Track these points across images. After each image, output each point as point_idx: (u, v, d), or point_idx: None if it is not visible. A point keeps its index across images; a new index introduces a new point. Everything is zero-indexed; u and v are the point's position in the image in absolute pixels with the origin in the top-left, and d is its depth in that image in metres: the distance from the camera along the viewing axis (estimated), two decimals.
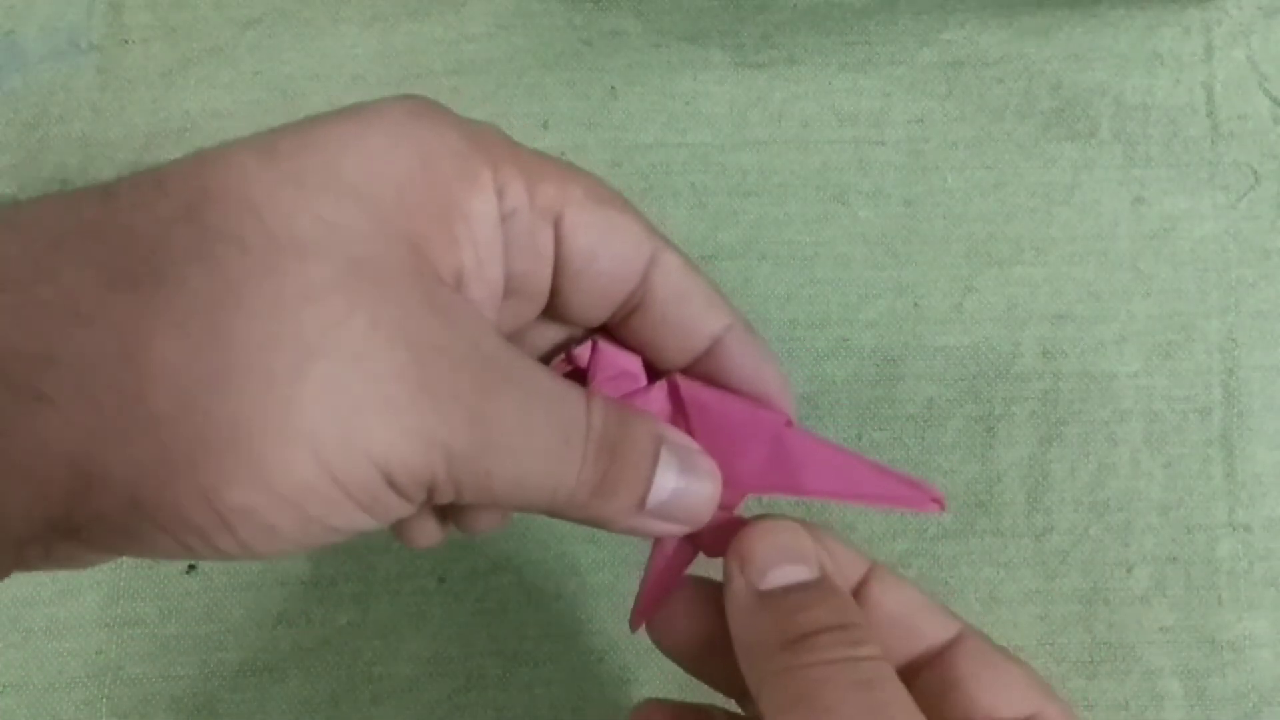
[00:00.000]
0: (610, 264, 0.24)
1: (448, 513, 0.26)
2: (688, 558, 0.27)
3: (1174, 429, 0.38)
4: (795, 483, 0.26)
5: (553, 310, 0.25)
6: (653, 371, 0.26)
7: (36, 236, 0.19)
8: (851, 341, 0.39)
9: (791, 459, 0.26)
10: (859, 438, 0.38)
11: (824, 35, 0.41)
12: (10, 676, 0.37)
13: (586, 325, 0.26)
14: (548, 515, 0.23)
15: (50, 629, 0.38)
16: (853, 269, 0.39)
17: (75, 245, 0.19)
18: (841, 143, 0.40)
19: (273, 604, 0.38)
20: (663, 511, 0.24)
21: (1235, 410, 0.38)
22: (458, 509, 0.25)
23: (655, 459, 0.24)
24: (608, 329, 0.26)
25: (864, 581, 0.26)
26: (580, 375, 0.26)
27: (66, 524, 0.19)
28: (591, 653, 0.37)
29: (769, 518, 0.25)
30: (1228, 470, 0.38)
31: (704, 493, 0.25)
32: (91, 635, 0.38)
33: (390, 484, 0.20)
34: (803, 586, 0.24)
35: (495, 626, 0.37)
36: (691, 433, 0.25)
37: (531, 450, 0.21)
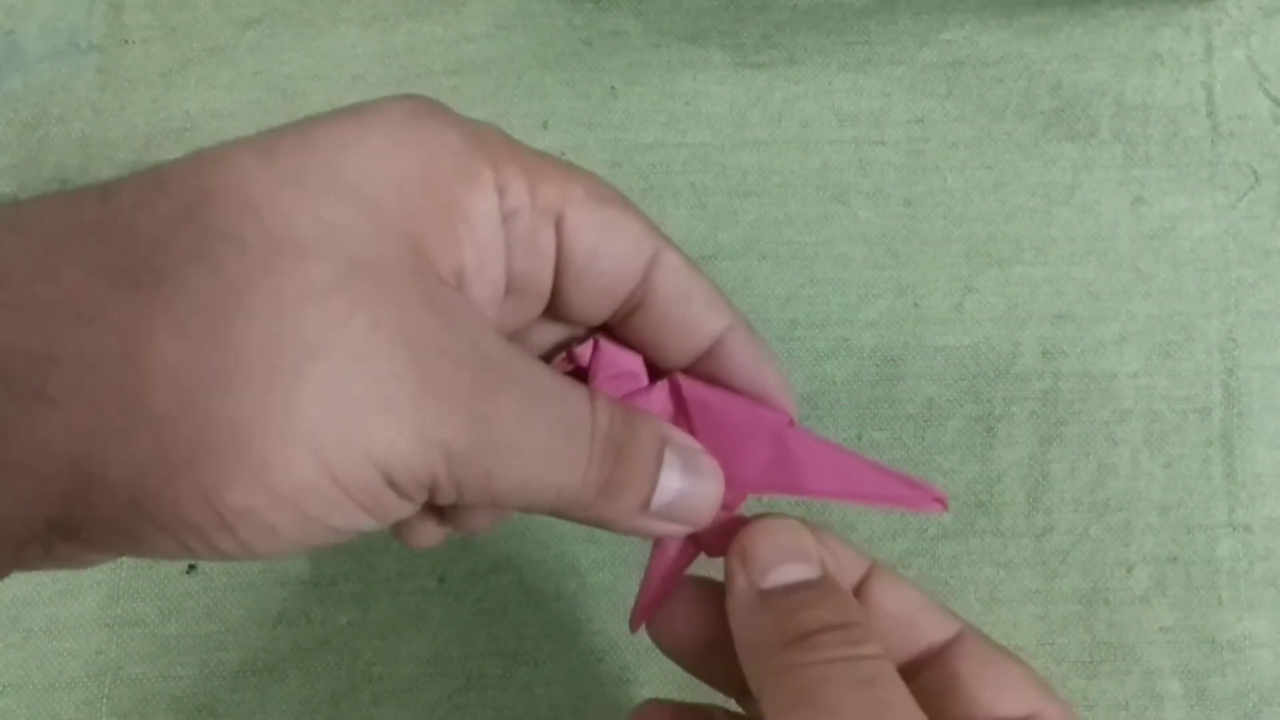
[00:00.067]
0: (612, 263, 0.24)
1: (446, 513, 0.26)
2: (689, 558, 0.27)
3: (1174, 429, 0.38)
4: (797, 482, 0.26)
5: (554, 310, 0.25)
6: (654, 371, 0.26)
7: (36, 236, 0.19)
8: (851, 341, 0.39)
9: (793, 459, 0.26)
10: (859, 438, 0.38)
11: (824, 35, 0.41)
12: (10, 676, 0.37)
13: (588, 325, 0.26)
14: (551, 515, 0.23)
15: (50, 629, 0.38)
16: (853, 269, 0.39)
17: (75, 245, 0.19)
18: (841, 143, 0.40)
19: (273, 604, 0.38)
20: (667, 512, 0.24)
21: (1235, 410, 0.38)
22: (455, 508, 0.25)
23: (660, 460, 0.24)
24: (609, 328, 0.26)
25: (864, 580, 0.26)
26: (581, 374, 0.26)
27: (66, 524, 0.19)
28: (591, 653, 0.37)
29: (770, 516, 0.25)
30: (1228, 470, 0.38)
31: (708, 493, 0.25)
32: (91, 635, 0.38)
33: (391, 484, 0.20)
34: (805, 585, 0.24)
35: (495, 626, 0.37)
36: (693, 432, 0.25)
37: (533, 450, 0.21)
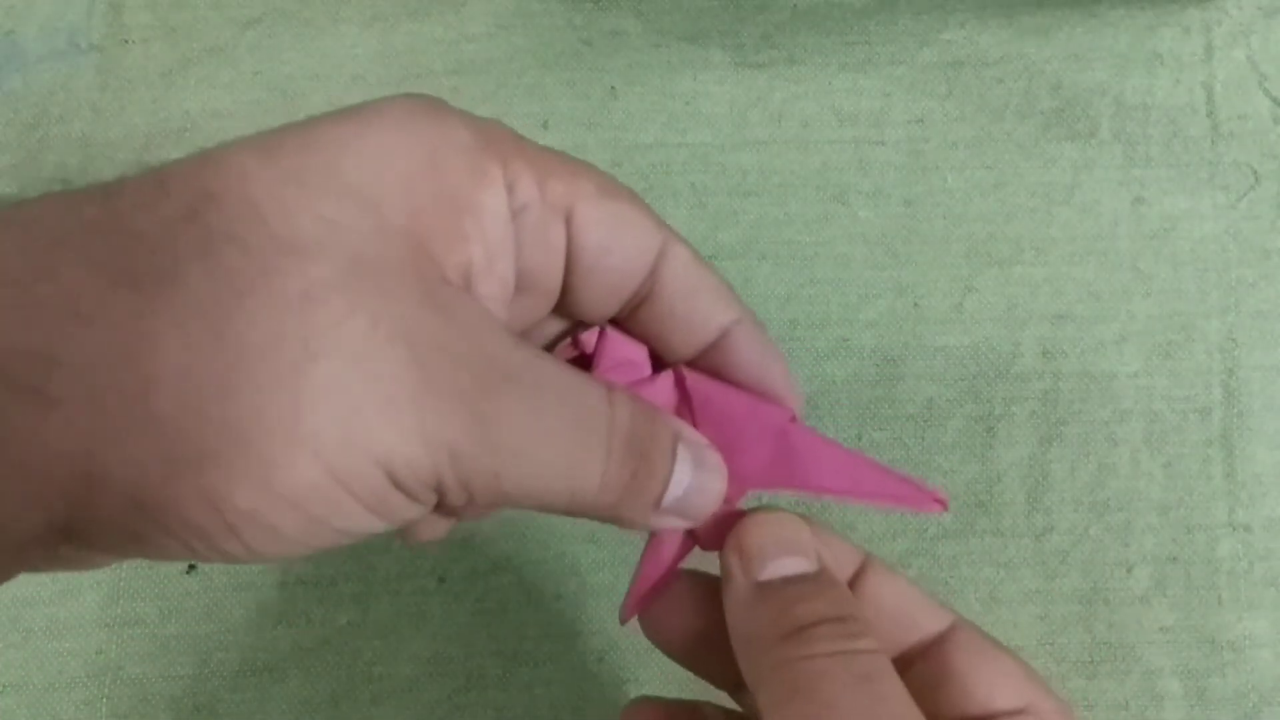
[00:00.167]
0: (622, 258, 0.24)
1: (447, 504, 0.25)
2: (685, 551, 0.26)
3: (1174, 429, 0.38)
4: (798, 478, 0.26)
5: (563, 306, 0.25)
6: (658, 363, 0.26)
7: (38, 236, 0.19)
8: (851, 341, 0.39)
9: (795, 455, 0.25)
10: (859, 438, 0.38)
11: (824, 35, 0.41)
12: (10, 676, 0.37)
13: (595, 320, 0.26)
14: (566, 514, 0.23)
15: (50, 629, 0.38)
16: (853, 269, 0.39)
17: (77, 245, 0.19)
18: (841, 143, 0.40)
19: (273, 604, 0.38)
20: (675, 508, 0.24)
21: (1235, 410, 0.38)
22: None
23: (674, 457, 0.24)
24: (615, 321, 0.26)
25: (858, 574, 0.26)
26: (586, 361, 0.25)
27: (70, 525, 0.18)
28: (591, 653, 0.37)
29: (766, 510, 0.25)
30: (1228, 470, 0.38)
31: (713, 489, 0.24)
32: (91, 635, 0.37)
33: (396, 485, 0.20)
34: (801, 578, 0.24)
35: (495, 626, 0.37)
36: (695, 425, 0.25)
37: (543, 451, 0.21)
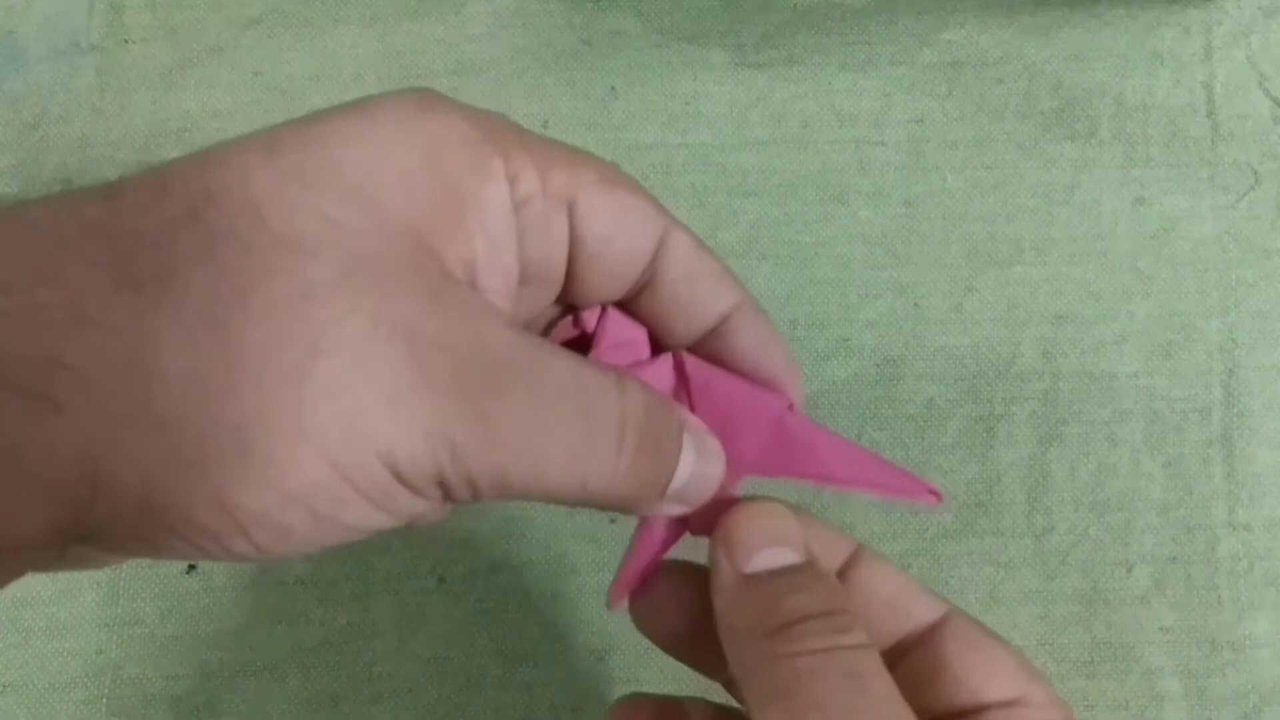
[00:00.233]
0: (625, 246, 0.24)
1: None
2: (675, 536, 0.26)
3: (1174, 429, 0.38)
4: (794, 466, 0.25)
5: (566, 294, 0.25)
6: (656, 347, 0.26)
7: (40, 238, 0.19)
8: (851, 341, 0.39)
9: (791, 442, 0.25)
10: (859, 438, 0.38)
11: (824, 35, 0.41)
12: (10, 676, 0.37)
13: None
14: (577, 506, 0.22)
15: (50, 629, 0.38)
16: (853, 269, 0.39)
17: (79, 247, 0.19)
18: (841, 143, 0.40)
19: (273, 604, 0.38)
20: (676, 495, 0.24)
21: (1235, 410, 0.38)
22: None
23: (680, 445, 0.23)
24: (617, 305, 0.26)
25: (849, 563, 0.26)
26: (586, 340, 0.25)
27: (78, 528, 0.19)
28: (591, 653, 0.37)
29: (755, 500, 0.25)
30: (1228, 470, 0.38)
31: (713, 475, 0.24)
32: (91, 635, 0.37)
33: (400, 480, 0.20)
34: (789, 570, 0.23)
35: (495, 626, 0.37)
36: (692, 409, 0.25)
37: (550, 446, 0.21)
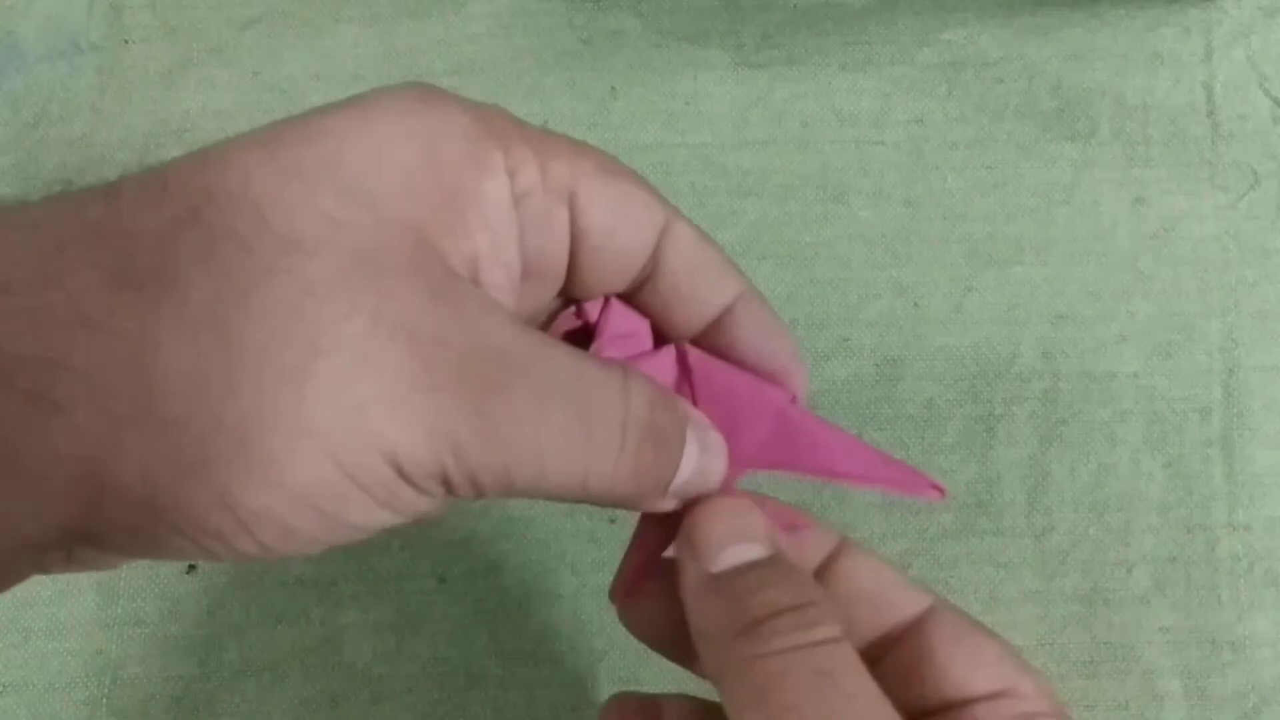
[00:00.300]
0: (627, 237, 0.24)
1: None
2: (675, 529, 0.25)
3: (1174, 429, 0.38)
4: (797, 460, 0.25)
5: (569, 288, 0.25)
6: (659, 339, 0.26)
7: (41, 239, 0.19)
8: (851, 341, 0.39)
9: (794, 436, 0.25)
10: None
11: (824, 35, 0.41)
12: (10, 676, 0.37)
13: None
14: (578, 502, 0.22)
15: (50, 629, 0.38)
16: (853, 269, 0.39)
17: (80, 248, 0.19)
18: (841, 143, 0.40)
19: (273, 604, 0.38)
20: (679, 490, 0.24)
21: (1235, 410, 0.38)
22: None
23: (684, 442, 0.23)
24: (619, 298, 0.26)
25: (833, 556, 0.26)
26: (589, 331, 0.25)
27: (83, 530, 0.19)
28: (591, 653, 0.37)
29: (717, 497, 0.24)
30: (1228, 470, 0.38)
31: (716, 470, 0.24)
32: (91, 635, 0.37)
33: (403, 478, 0.20)
34: (755, 565, 0.23)
35: (495, 626, 0.37)
36: (695, 402, 0.25)
37: (553, 444, 0.21)
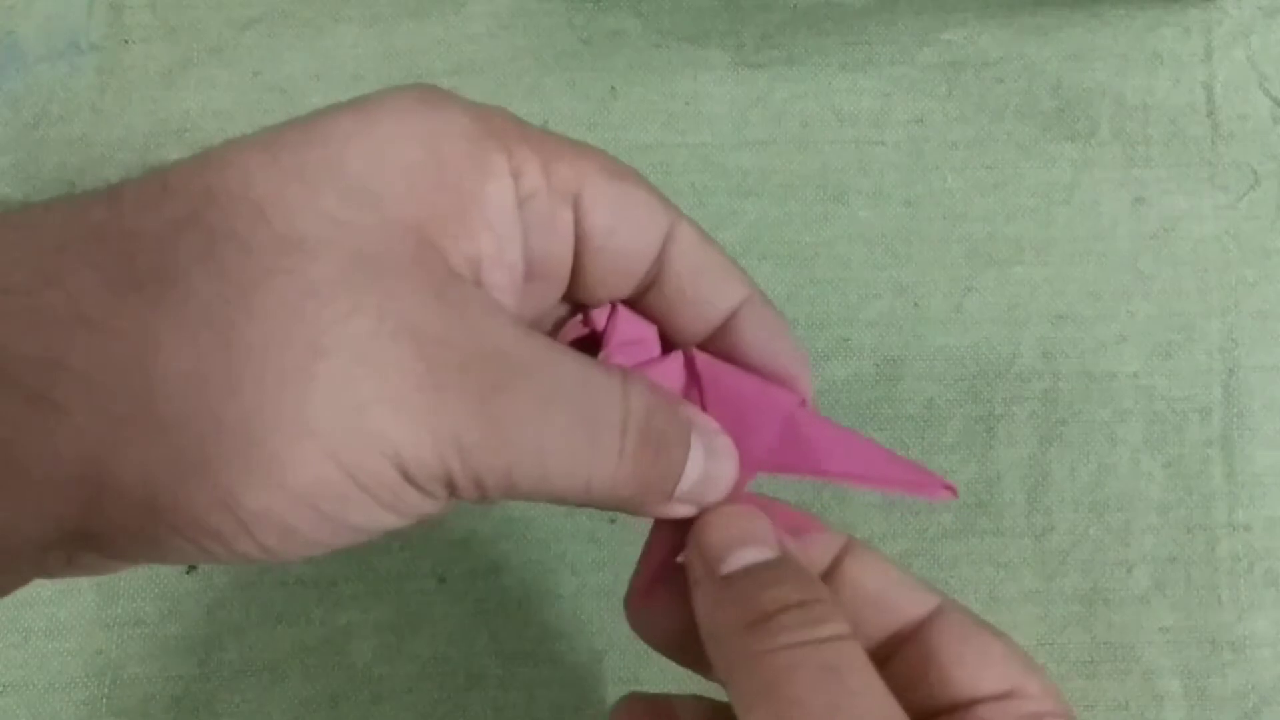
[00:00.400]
0: (631, 238, 0.24)
1: None
2: (687, 536, 0.26)
3: (1174, 429, 0.38)
4: (807, 463, 0.25)
5: (573, 291, 0.25)
6: (667, 345, 0.26)
7: (41, 240, 0.19)
8: (851, 341, 0.39)
9: (804, 439, 0.25)
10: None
11: (824, 35, 0.41)
12: (10, 676, 0.37)
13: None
14: (580, 505, 0.22)
15: (50, 629, 0.38)
16: (853, 269, 0.39)
17: (81, 249, 0.19)
18: (841, 143, 0.40)
19: (273, 604, 0.38)
20: (687, 496, 0.24)
21: (1235, 410, 0.38)
22: None
23: (689, 446, 0.23)
24: (625, 303, 0.26)
25: (839, 558, 0.26)
26: (596, 338, 0.25)
27: (84, 532, 0.18)
28: (591, 653, 0.37)
29: (724, 506, 0.24)
30: (1228, 470, 0.38)
31: (726, 474, 0.24)
32: (91, 635, 0.37)
33: (407, 479, 0.20)
34: (764, 565, 0.23)
35: (495, 626, 0.37)
36: (704, 407, 0.25)
37: (555, 446, 0.21)
